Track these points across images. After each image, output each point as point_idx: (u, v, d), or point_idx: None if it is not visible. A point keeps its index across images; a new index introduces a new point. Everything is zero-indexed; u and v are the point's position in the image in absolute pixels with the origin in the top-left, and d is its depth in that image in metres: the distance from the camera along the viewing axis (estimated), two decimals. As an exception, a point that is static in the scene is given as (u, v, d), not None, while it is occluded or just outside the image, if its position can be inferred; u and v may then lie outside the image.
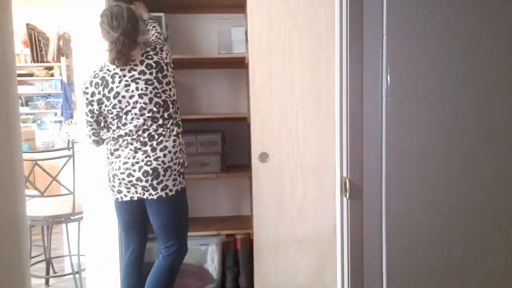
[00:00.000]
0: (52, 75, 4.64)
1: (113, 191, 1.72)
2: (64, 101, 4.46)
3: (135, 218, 1.76)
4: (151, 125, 1.66)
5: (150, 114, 1.65)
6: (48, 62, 4.57)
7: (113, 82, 1.64)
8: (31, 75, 4.64)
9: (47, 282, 2.61)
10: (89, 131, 1.77)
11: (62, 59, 4.48)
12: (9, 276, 0.86)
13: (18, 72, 4.25)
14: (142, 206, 1.73)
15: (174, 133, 1.69)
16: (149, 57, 1.68)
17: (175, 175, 1.68)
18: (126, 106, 1.65)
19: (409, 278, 1.23)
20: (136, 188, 1.66)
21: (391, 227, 1.22)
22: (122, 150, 1.68)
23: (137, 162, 1.64)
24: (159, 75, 1.67)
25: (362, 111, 1.27)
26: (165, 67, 1.69)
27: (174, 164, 1.68)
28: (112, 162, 1.69)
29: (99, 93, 1.66)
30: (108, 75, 1.65)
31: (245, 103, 2.45)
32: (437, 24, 1.17)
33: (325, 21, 1.94)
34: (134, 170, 1.64)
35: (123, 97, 1.64)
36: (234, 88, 2.51)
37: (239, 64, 2.31)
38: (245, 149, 2.45)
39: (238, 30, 2.22)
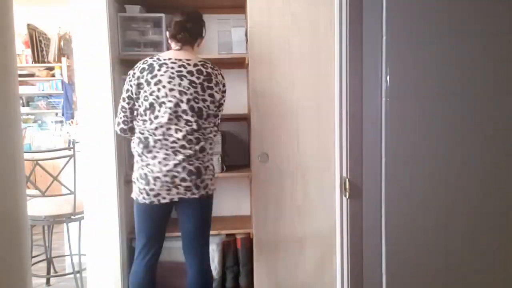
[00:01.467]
0: (53, 76, 4.64)
1: (148, 194, 1.63)
2: (65, 101, 4.47)
3: (162, 223, 1.72)
4: (184, 127, 1.63)
5: (183, 115, 1.62)
6: (49, 62, 4.58)
7: (159, 70, 1.63)
8: (32, 75, 4.65)
9: (48, 282, 2.62)
10: (121, 118, 1.72)
11: (63, 59, 4.49)
12: (10, 275, 0.87)
13: (19, 72, 4.25)
14: (170, 211, 1.73)
15: (205, 142, 1.69)
16: (205, 66, 1.70)
17: (212, 175, 1.72)
18: (162, 97, 1.61)
19: (408, 278, 1.23)
20: (178, 188, 1.63)
21: (391, 226, 1.22)
22: (157, 152, 1.62)
23: (179, 164, 1.61)
24: (205, 83, 1.67)
25: (361, 111, 1.27)
26: (214, 81, 1.69)
27: (211, 164, 1.73)
28: (149, 164, 1.62)
29: (142, 77, 1.64)
30: (157, 63, 1.65)
31: (245, 103, 2.46)
32: (436, 24, 1.17)
33: (325, 21, 1.94)
34: (178, 172, 1.61)
35: (163, 86, 1.61)
36: (234, 88, 2.51)
37: (239, 64, 2.32)
38: (245, 149, 2.45)
39: (238, 30, 2.22)
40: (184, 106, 1.62)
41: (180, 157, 1.62)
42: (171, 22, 1.73)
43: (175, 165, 1.61)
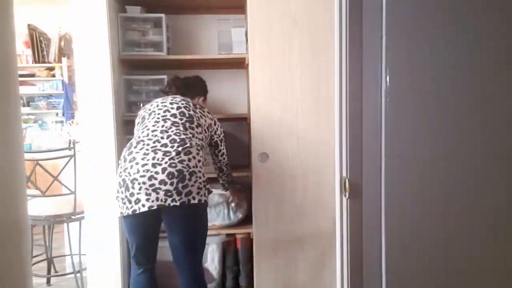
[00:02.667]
0: (53, 76, 4.64)
1: (130, 201, 1.50)
2: (66, 102, 4.47)
3: (151, 235, 1.61)
4: (170, 127, 1.62)
5: (172, 119, 1.67)
6: (49, 62, 4.58)
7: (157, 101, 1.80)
8: (32, 75, 4.65)
9: (48, 282, 2.62)
10: None
11: (63, 59, 4.49)
12: (10, 275, 0.87)
13: (20, 72, 4.26)
14: (159, 220, 1.58)
15: (199, 145, 1.64)
16: (197, 106, 1.82)
17: (200, 183, 1.54)
18: (154, 110, 1.73)
19: (408, 278, 1.23)
20: (158, 193, 1.47)
21: (391, 226, 1.22)
22: (137, 153, 1.54)
23: (159, 164, 1.49)
24: (197, 110, 1.79)
25: (361, 111, 1.27)
26: (199, 112, 1.80)
27: (199, 172, 1.55)
28: (127, 168, 1.52)
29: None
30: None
31: (245, 103, 2.46)
32: (436, 24, 1.17)
33: (324, 21, 1.94)
34: (157, 172, 1.48)
35: (157, 106, 1.76)
36: (234, 88, 2.51)
37: (239, 64, 2.32)
38: (245, 149, 2.45)
39: (238, 30, 2.22)
40: (173, 111, 1.70)
41: (160, 155, 1.51)
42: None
43: (154, 165, 1.49)
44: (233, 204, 2.18)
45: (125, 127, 2.17)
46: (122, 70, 2.19)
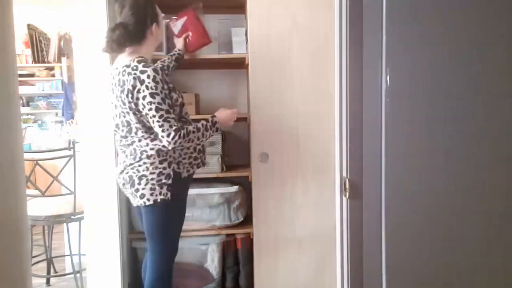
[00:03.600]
0: (53, 76, 4.64)
1: None
2: (65, 101, 4.46)
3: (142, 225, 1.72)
4: (123, 129, 1.59)
5: (123, 118, 1.58)
6: (49, 62, 4.58)
7: (113, 79, 1.62)
8: (32, 75, 4.65)
9: (48, 282, 2.62)
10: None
11: (63, 59, 4.49)
12: (10, 275, 0.87)
13: (19, 72, 4.26)
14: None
15: (151, 146, 1.56)
16: (124, 72, 1.52)
17: (153, 184, 1.56)
18: (115, 101, 1.61)
19: (408, 278, 1.23)
20: (128, 194, 1.66)
21: (391, 227, 1.22)
22: (118, 153, 1.70)
23: (124, 168, 1.62)
24: (123, 95, 1.53)
25: (362, 111, 1.27)
26: (126, 88, 1.51)
27: (151, 173, 1.56)
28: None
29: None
30: (112, 71, 1.65)
31: (245, 103, 2.46)
32: (436, 25, 1.17)
33: (325, 21, 1.94)
34: (122, 178, 1.64)
35: (113, 90, 1.61)
36: (234, 88, 2.51)
37: (239, 64, 2.32)
38: (245, 149, 2.45)
39: (238, 30, 2.22)
40: (122, 108, 1.56)
41: (121, 158, 1.64)
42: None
43: (121, 171, 1.64)
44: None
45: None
46: (122, 70, 2.19)
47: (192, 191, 2.08)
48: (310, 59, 1.96)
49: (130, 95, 1.51)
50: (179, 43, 2.08)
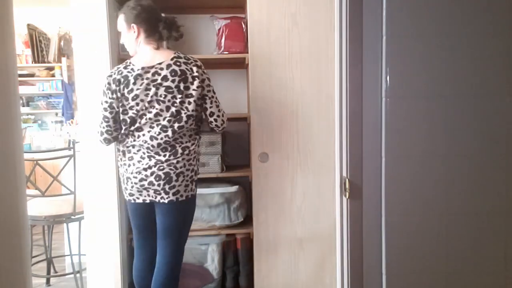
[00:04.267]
0: (53, 76, 4.64)
1: (125, 193, 1.70)
2: (65, 101, 4.46)
3: (147, 223, 1.72)
4: (160, 133, 1.61)
5: (164, 123, 1.60)
6: (49, 62, 4.58)
7: (134, 84, 1.59)
8: (32, 75, 4.65)
9: (48, 282, 2.62)
10: (104, 127, 1.67)
11: (63, 59, 4.49)
12: (10, 275, 0.87)
13: (19, 72, 4.26)
14: (153, 210, 1.70)
15: (185, 144, 1.64)
16: (178, 63, 1.61)
17: (187, 181, 1.65)
18: (142, 109, 1.60)
19: (408, 278, 1.23)
20: (148, 191, 1.64)
21: (391, 226, 1.22)
22: (135, 153, 1.64)
23: (150, 167, 1.61)
24: (181, 84, 1.60)
25: (362, 111, 1.28)
26: (190, 79, 1.61)
27: (187, 170, 1.65)
28: (125, 164, 1.67)
29: (119, 91, 1.61)
30: (131, 76, 1.59)
31: (245, 103, 2.46)
32: (436, 24, 1.17)
33: (325, 21, 1.94)
34: (147, 176, 1.62)
35: (142, 100, 1.60)
36: (234, 88, 2.51)
37: (239, 64, 2.31)
38: (245, 149, 2.45)
39: (239, 30, 2.22)
40: (164, 114, 1.60)
41: (152, 162, 1.62)
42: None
43: (145, 169, 1.62)
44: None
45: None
46: (122, 70, 2.19)
47: (192, 191, 2.08)
48: (310, 59, 1.96)
49: (194, 81, 1.62)
50: None
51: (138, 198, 1.67)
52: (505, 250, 1.22)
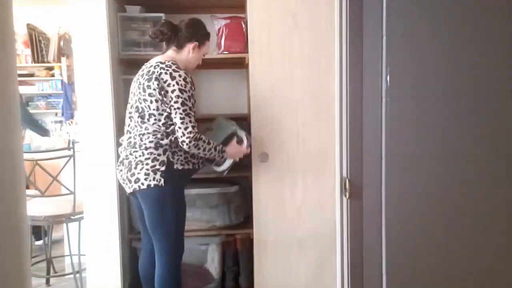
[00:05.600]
0: (52, 75, 4.64)
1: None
2: (65, 101, 4.46)
3: (139, 215, 1.78)
4: (129, 124, 1.73)
5: (133, 116, 1.71)
6: (48, 62, 4.58)
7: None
8: (31, 75, 4.64)
9: (47, 282, 2.62)
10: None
11: (63, 59, 4.48)
12: (9, 275, 0.87)
13: (19, 72, 4.25)
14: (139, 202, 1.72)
15: (150, 139, 1.66)
16: (156, 66, 1.67)
17: (147, 169, 1.63)
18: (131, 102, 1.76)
19: (409, 278, 1.23)
20: (123, 180, 1.71)
21: (391, 227, 1.22)
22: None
23: (126, 157, 1.71)
24: (145, 83, 1.66)
25: (362, 111, 1.27)
26: (153, 79, 1.63)
27: (146, 159, 1.64)
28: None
29: None
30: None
31: (245, 103, 2.46)
32: (436, 25, 1.17)
33: (325, 21, 1.94)
34: (122, 164, 1.73)
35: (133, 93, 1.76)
36: (234, 88, 2.51)
37: (239, 64, 2.32)
38: (245, 149, 2.45)
39: (238, 30, 2.22)
40: (131, 108, 1.73)
41: (124, 149, 1.74)
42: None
43: (122, 160, 1.73)
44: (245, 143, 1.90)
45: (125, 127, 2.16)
46: (122, 70, 2.19)
47: (192, 191, 2.08)
48: (310, 59, 1.96)
49: (156, 83, 1.63)
50: None
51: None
52: (506, 250, 1.22)
